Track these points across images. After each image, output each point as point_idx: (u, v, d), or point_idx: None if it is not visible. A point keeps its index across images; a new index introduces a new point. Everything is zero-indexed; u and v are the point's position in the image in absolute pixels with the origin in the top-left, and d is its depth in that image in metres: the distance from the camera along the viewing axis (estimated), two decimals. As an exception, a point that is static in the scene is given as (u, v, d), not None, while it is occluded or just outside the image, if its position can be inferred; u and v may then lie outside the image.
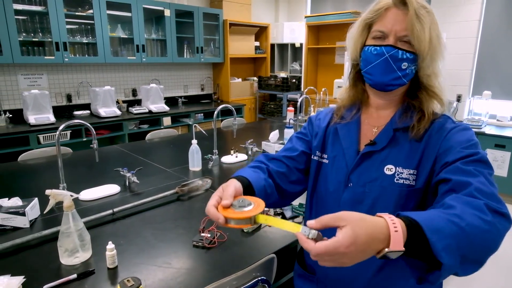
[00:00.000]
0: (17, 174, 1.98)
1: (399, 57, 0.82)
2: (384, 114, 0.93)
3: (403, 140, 0.87)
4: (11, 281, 0.94)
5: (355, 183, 0.90)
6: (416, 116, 0.87)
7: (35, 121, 3.19)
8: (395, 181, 0.85)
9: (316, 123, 1.05)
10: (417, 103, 0.88)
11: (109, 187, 1.67)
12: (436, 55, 0.83)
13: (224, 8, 4.85)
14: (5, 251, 1.13)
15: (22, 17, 3.30)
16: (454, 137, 0.82)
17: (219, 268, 1.06)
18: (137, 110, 3.95)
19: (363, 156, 0.89)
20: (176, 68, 4.80)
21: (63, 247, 1.07)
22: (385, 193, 0.86)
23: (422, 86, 0.88)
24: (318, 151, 1.00)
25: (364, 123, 0.96)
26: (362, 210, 0.79)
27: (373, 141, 0.89)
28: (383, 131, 0.90)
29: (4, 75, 3.41)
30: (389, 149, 0.88)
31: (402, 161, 0.85)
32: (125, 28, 4.03)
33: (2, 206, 1.29)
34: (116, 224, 1.35)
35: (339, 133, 0.97)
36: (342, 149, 0.94)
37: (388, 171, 0.86)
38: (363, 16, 0.89)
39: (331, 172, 0.95)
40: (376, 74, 0.85)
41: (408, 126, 0.86)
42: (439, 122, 0.86)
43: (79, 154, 2.39)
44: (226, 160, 2.14)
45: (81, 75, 3.92)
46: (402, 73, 0.83)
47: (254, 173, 0.92)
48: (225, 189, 0.74)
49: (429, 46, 0.80)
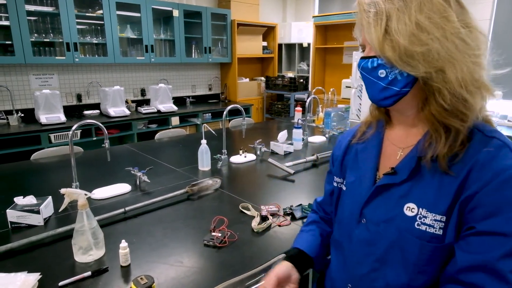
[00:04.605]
0: (30, 173, 2.02)
1: (370, 67, 0.67)
2: (413, 132, 0.73)
3: (431, 172, 0.66)
4: (28, 277, 0.96)
5: (368, 220, 0.75)
6: (442, 137, 0.65)
7: (46, 120, 3.24)
8: (415, 226, 0.66)
9: (338, 145, 0.93)
10: (446, 120, 0.65)
11: (120, 186, 1.69)
12: (415, 46, 0.61)
13: (232, 8, 4.86)
14: (21, 248, 1.15)
15: (34, 18, 3.36)
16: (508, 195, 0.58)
17: (229, 268, 1.07)
18: (146, 110, 3.99)
19: (380, 188, 0.73)
20: (184, 68, 4.83)
21: (77, 244, 1.09)
22: (402, 240, 0.68)
23: (432, 90, 0.65)
24: (337, 176, 0.89)
25: (388, 144, 0.78)
26: (375, 253, 0.72)
27: (393, 170, 0.71)
28: (407, 158, 0.71)
29: (16, 75, 3.46)
30: (411, 182, 0.69)
31: (428, 201, 0.66)
32: (134, 28, 4.07)
33: (17, 204, 1.32)
34: (128, 222, 1.37)
35: (358, 155, 0.83)
36: (360, 175, 0.80)
37: (409, 211, 0.68)
38: None
39: (347, 201, 0.82)
40: (367, 90, 0.72)
41: (433, 154, 0.65)
42: (489, 153, 0.61)
43: (90, 153, 2.42)
44: (235, 160, 2.15)
45: (91, 75, 3.97)
46: (385, 82, 0.66)
47: (309, 237, 0.95)
48: (272, 272, 0.82)
49: (383, 42, 0.63)
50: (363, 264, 0.76)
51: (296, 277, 0.85)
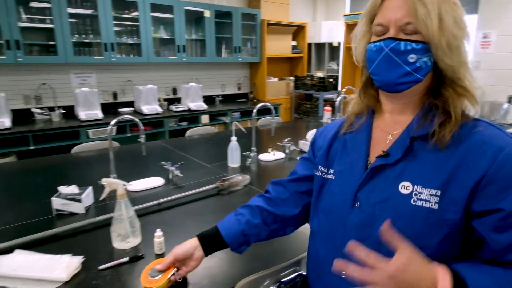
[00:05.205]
0: (71, 165, 2.14)
1: (402, 49, 0.68)
2: (401, 119, 0.77)
3: (424, 151, 0.71)
4: (72, 259, 1.03)
5: (363, 202, 0.75)
6: (438, 119, 0.70)
7: (85, 117, 3.41)
8: (411, 203, 0.69)
9: (322, 135, 0.94)
10: (440, 103, 0.72)
11: (154, 179, 1.76)
12: (455, 40, 0.67)
13: (262, 8, 4.89)
14: (65, 233, 1.24)
15: (75, 20, 3.55)
16: (507, 173, 0.63)
17: (260, 260, 1.09)
18: (177, 108, 4.10)
19: (373, 170, 0.75)
20: (214, 68, 4.92)
21: (115, 232, 1.15)
22: (399, 218, 0.69)
23: (447, 80, 0.71)
24: (322, 165, 0.88)
25: (377, 130, 0.81)
26: (372, 235, 0.72)
27: (386, 152, 0.74)
28: (399, 140, 0.74)
29: (58, 74, 3.67)
30: (405, 162, 0.72)
31: (422, 178, 0.69)
32: (167, 29, 4.19)
33: (61, 193, 1.41)
34: (162, 214, 1.43)
35: (347, 144, 0.84)
36: (350, 162, 0.81)
37: (404, 189, 0.70)
38: (363, 12, 0.78)
39: (336, 189, 0.82)
40: (381, 73, 0.72)
41: (428, 133, 0.70)
42: (481, 133, 0.68)
43: (126, 148, 2.54)
44: (263, 157, 2.18)
45: (126, 74, 4.13)
46: (411, 67, 0.69)
47: (234, 221, 0.94)
48: (171, 254, 0.89)
49: (440, 30, 0.66)
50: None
51: (199, 255, 0.91)
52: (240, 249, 0.93)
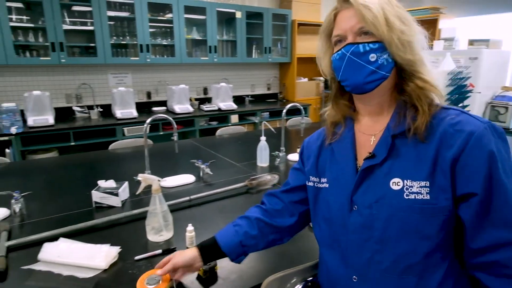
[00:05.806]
0: (108, 161, 2.26)
1: (362, 50, 0.74)
2: (380, 119, 0.81)
3: (406, 146, 0.75)
4: (111, 249, 1.09)
5: (360, 205, 0.78)
6: (409, 114, 0.75)
7: (121, 115, 3.57)
8: (405, 197, 0.72)
9: (307, 146, 0.98)
10: (407, 98, 0.77)
11: (185, 176, 1.82)
12: (404, 36, 0.73)
13: (293, 8, 4.89)
14: (104, 225, 1.32)
15: (113, 22, 3.72)
16: (478, 155, 0.67)
17: (287, 258, 1.11)
18: (207, 107, 4.19)
19: (363, 172, 0.78)
20: (244, 68, 4.97)
21: (150, 225, 1.21)
22: (396, 214, 0.72)
23: (407, 75, 0.76)
24: (313, 175, 0.91)
25: (360, 134, 0.85)
26: (373, 235, 0.75)
27: (372, 153, 0.78)
28: (381, 140, 0.78)
29: (98, 74, 3.87)
30: (391, 159, 0.76)
31: (410, 172, 0.72)
32: (199, 30, 4.29)
33: (100, 187, 1.50)
34: (192, 210, 1.48)
35: (335, 152, 0.87)
36: (341, 169, 0.84)
37: (395, 185, 0.73)
38: (320, 29, 0.87)
39: (332, 197, 0.85)
40: (349, 77, 0.77)
41: (405, 129, 0.74)
42: (452, 119, 0.72)
43: (159, 145, 2.63)
44: (292, 157, 2.18)
45: (159, 74, 4.28)
46: (374, 65, 0.74)
47: (232, 232, 0.96)
48: (171, 262, 0.92)
49: (388, 28, 0.72)
50: (363, 250, 0.77)
51: (198, 266, 0.95)
52: (238, 260, 0.97)
